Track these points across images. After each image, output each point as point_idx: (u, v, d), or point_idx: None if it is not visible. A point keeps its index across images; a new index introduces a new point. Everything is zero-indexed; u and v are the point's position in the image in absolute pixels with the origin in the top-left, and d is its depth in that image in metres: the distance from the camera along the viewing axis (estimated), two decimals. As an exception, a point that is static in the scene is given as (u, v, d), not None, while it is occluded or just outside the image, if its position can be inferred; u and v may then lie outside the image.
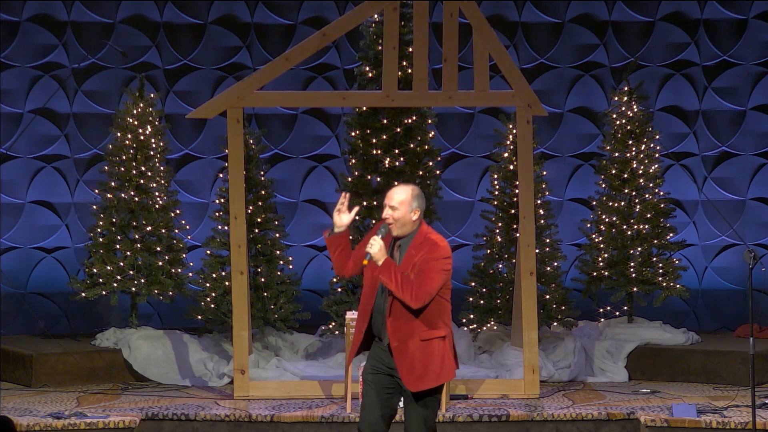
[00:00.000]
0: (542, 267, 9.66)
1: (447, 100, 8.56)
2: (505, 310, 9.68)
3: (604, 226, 9.91)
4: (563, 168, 11.35)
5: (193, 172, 11.30)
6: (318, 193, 11.29)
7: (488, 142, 10.57)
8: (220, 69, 11.34)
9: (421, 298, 5.30)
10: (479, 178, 11.35)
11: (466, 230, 11.26)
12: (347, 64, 11.34)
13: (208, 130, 11.24)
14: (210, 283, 9.63)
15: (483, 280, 9.85)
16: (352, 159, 9.84)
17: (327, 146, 11.41)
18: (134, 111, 9.77)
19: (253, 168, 9.80)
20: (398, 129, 9.73)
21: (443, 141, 11.28)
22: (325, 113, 11.42)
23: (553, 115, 11.12)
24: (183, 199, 10.52)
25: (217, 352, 9.53)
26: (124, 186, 9.72)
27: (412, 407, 5.34)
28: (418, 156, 9.79)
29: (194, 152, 11.33)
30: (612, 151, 9.99)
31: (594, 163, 10.70)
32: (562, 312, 9.73)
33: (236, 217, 8.43)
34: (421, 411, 5.33)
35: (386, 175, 9.73)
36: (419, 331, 5.34)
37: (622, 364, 9.40)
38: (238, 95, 8.44)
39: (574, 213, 11.14)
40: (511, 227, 9.79)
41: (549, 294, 9.68)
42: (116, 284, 9.54)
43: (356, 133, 9.79)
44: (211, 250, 9.75)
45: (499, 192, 9.91)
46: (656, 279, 9.74)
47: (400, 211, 5.50)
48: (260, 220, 9.63)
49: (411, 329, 5.33)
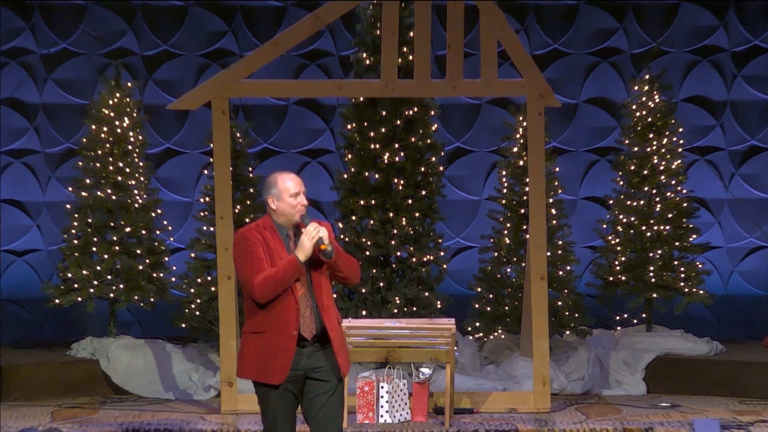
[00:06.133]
0: (554, 271, 9.76)
1: (451, 90, 8.63)
2: (513, 317, 9.76)
3: (621, 226, 10.01)
4: (577, 164, 11.43)
5: (176, 169, 11.37)
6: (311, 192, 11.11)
7: (496, 136, 10.67)
8: (204, 56, 11.42)
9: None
10: (486, 175, 11.45)
11: (471, 231, 11.34)
12: (343, 50, 11.41)
13: (191, 122, 11.30)
14: (195, 288, 9.73)
15: (490, 285, 9.95)
16: (349, 154, 9.91)
17: (321, 140, 11.49)
18: (110, 101, 9.86)
19: (240, 164, 9.88)
20: (398, 121, 9.81)
21: (447, 134, 11.37)
22: (318, 104, 11.49)
23: (566, 106, 11.19)
24: (164, 198, 10.60)
25: (202, 362, 9.64)
26: (100, 183, 9.81)
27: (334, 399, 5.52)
28: (420, 151, 9.88)
29: (176, 147, 11.41)
30: (631, 145, 10.10)
31: (611, 159, 10.83)
32: (575, 320, 9.83)
33: (222, 217, 8.49)
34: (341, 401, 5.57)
35: (385, 171, 9.81)
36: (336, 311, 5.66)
37: (640, 375, 9.52)
38: (224, 84, 8.50)
39: (589, 213, 11.22)
40: (520, 228, 9.89)
41: (561, 300, 9.77)
42: (93, 290, 9.62)
43: (353, 126, 9.86)
44: (195, 253, 9.85)
45: (507, 190, 10.01)
46: (677, 284, 9.85)
47: None
48: (248, 220, 9.61)
49: (335, 311, 5.61)
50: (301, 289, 5.52)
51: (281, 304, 5.47)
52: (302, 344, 5.52)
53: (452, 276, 10.94)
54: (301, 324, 5.50)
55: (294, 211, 5.56)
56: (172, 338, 9.98)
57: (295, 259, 5.43)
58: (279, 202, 5.58)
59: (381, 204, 9.86)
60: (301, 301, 5.50)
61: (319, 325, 5.54)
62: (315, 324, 5.53)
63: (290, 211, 5.57)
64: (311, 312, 5.53)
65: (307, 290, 5.54)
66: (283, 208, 5.57)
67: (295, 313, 5.47)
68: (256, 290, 5.41)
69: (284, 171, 5.68)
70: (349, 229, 9.91)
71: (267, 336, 5.48)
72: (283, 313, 5.47)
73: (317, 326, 5.54)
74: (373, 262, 9.85)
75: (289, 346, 5.46)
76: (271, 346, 5.47)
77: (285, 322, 5.47)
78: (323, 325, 5.55)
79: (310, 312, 5.53)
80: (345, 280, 5.66)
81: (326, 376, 5.56)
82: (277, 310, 5.47)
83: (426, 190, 9.92)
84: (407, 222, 9.82)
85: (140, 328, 10.97)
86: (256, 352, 5.51)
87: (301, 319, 5.50)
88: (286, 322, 5.46)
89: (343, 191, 10.01)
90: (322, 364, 5.55)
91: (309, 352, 5.53)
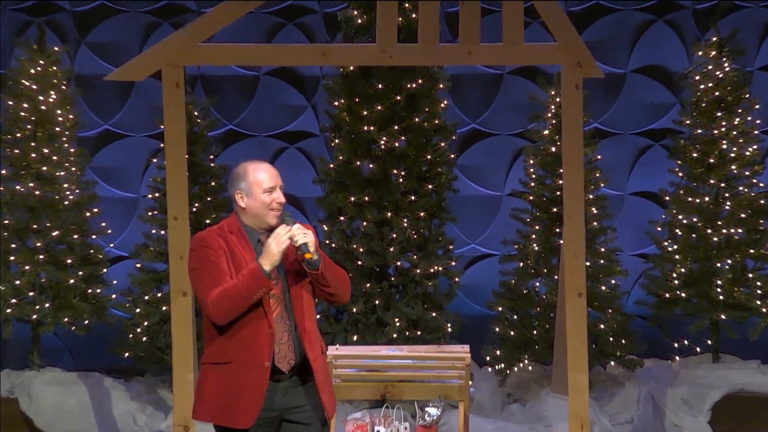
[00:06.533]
0: (595, 285, 9.78)
1: (465, 56, 8.51)
2: (543, 344, 9.78)
3: (680, 229, 10.01)
4: (624, 150, 11.48)
5: (117, 157, 11.37)
6: (289, 185, 11.28)
7: (521, 115, 10.64)
8: (152, 12, 11.44)
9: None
10: (509, 165, 11.48)
11: (490, 235, 11.37)
12: (328, 6, 11.45)
13: (136, 97, 11.33)
14: (141, 307, 9.76)
15: (514, 303, 9.95)
16: (336, 138, 9.93)
17: (301, 121, 11.52)
18: (32, 71, 9.83)
19: (199, 150, 9.89)
20: (398, 97, 9.82)
21: (460, 113, 11.38)
22: (297, 75, 11.50)
23: (611, 78, 11.22)
24: (102, 194, 10.55)
25: (151, 401, 9.63)
26: (20, 175, 9.79)
27: None
28: (426, 134, 9.88)
29: (117, 128, 11.43)
30: (693, 126, 10.10)
31: (667, 144, 10.80)
32: (621, 347, 9.84)
33: (176, 217, 8.40)
34: None
35: (382, 160, 9.81)
36: (320, 337, 5.72)
37: (705, 418, 9.51)
38: (178, 49, 8.45)
39: (640, 212, 11.27)
40: (552, 231, 9.91)
41: (604, 323, 9.79)
42: (11, 310, 9.60)
43: (341, 102, 9.87)
44: (142, 263, 9.88)
45: (536, 183, 10.02)
46: (752, 302, 9.83)
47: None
48: (209, 222, 9.70)
49: (318, 338, 5.68)
50: (277, 309, 5.55)
51: (250, 328, 5.49)
52: (277, 378, 5.54)
53: (466, 292, 11.02)
54: (276, 353, 5.52)
55: (267, 211, 5.61)
56: (112, 371, 10.00)
57: (257, 269, 5.43)
58: (249, 199, 5.62)
59: (376, 201, 9.89)
60: (276, 323, 5.53)
61: (298, 354, 5.58)
62: (294, 353, 5.57)
63: (263, 210, 5.60)
64: (289, 337, 5.56)
65: (285, 310, 5.57)
66: (254, 206, 5.61)
67: (269, 339, 5.50)
68: (211, 308, 5.44)
69: (256, 160, 5.74)
70: (336, 233, 9.94)
71: (232, 368, 5.50)
72: (254, 338, 5.49)
73: (296, 355, 5.57)
74: (366, 275, 9.91)
75: (260, 380, 5.48)
76: (238, 381, 5.49)
77: (255, 350, 5.49)
78: (304, 354, 5.58)
79: (288, 337, 5.55)
80: (333, 297, 5.66)
81: (307, 418, 5.59)
82: (246, 335, 5.49)
83: (433, 183, 9.96)
84: (409, 224, 9.86)
85: (71, 358, 11.01)
86: (218, 387, 5.52)
87: (276, 347, 5.52)
88: (256, 351, 5.49)
89: (328, 185, 10.05)
90: (301, 404, 5.59)
91: (285, 388, 5.56)
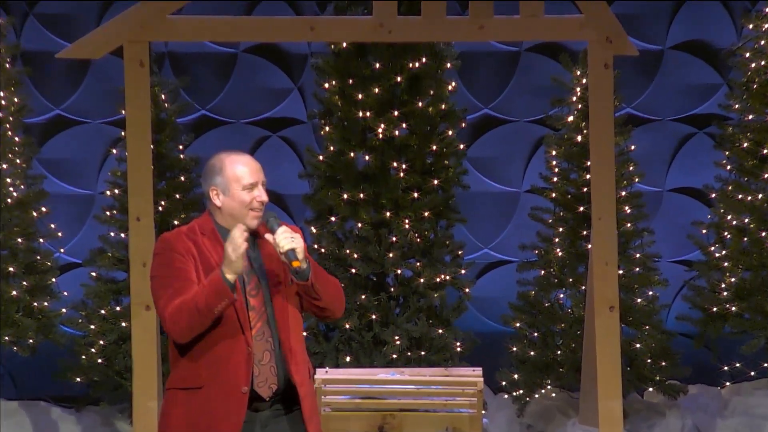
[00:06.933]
0: (629, 298, 9.82)
1: (476, 31, 8.65)
2: (569, 367, 9.83)
3: (729, 232, 10.10)
4: (663, 140, 11.52)
5: (70, 147, 11.43)
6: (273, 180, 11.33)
7: (542, 99, 10.70)
8: None
9: None
10: (528, 157, 11.55)
11: (506, 239, 11.41)
12: None
13: (92, 78, 11.36)
14: (96, 323, 9.79)
15: (534, 318, 10.02)
16: (326, 125, 9.99)
17: (285, 105, 11.57)
18: None
19: (166, 140, 9.98)
20: (398, 78, 9.89)
21: (470, 97, 11.41)
22: (282, 53, 11.55)
23: (647, 55, 11.22)
24: (52, 190, 10.62)
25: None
26: None
27: None
28: (430, 121, 9.95)
29: (70, 114, 11.49)
30: (743, 111, 10.20)
31: (713, 132, 10.89)
32: (661, 370, 9.90)
33: (139, 218, 8.54)
34: None
35: (379, 151, 9.89)
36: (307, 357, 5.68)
37: None
38: (142, 22, 8.55)
39: (681, 211, 11.31)
40: (578, 234, 9.98)
41: (640, 341, 9.84)
42: None
43: (332, 84, 9.94)
44: (98, 272, 9.94)
45: (559, 178, 10.11)
46: None
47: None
48: (178, 223, 9.67)
49: (305, 359, 5.64)
50: (257, 324, 5.50)
51: (224, 346, 5.45)
52: (256, 406, 5.49)
53: (478, 305, 11.00)
54: (256, 376, 5.47)
55: (247, 211, 5.56)
56: (62, 399, 10.05)
57: (218, 277, 5.36)
58: (225, 196, 5.58)
59: (373, 199, 9.93)
60: (256, 341, 5.48)
61: (282, 378, 5.52)
62: (276, 376, 5.51)
63: (241, 210, 5.56)
64: (271, 358, 5.51)
65: (266, 325, 5.52)
66: (232, 206, 5.57)
67: (246, 360, 5.45)
68: (168, 323, 5.39)
69: (234, 152, 5.69)
70: (326, 236, 9.96)
71: (203, 394, 5.45)
72: (229, 359, 5.45)
73: (280, 380, 5.52)
74: (361, 285, 9.92)
75: (236, 409, 5.42)
76: (210, 410, 5.43)
77: (231, 372, 5.44)
78: (288, 378, 5.52)
79: (270, 358, 5.50)
80: (324, 311, 5.65)
81: None
82: (219, 354, 5.45)
83: (439, 178, 10.00)
84: (412, 225, 9.88)
85: (13, 383, 10.97)
86: (186, 418, 5.47)
87: (255, 369, 5.47)
88: (232, 373, 5.44)
89: (317, 180, 10.08)
90: None
91: (266, 419, 5.52)
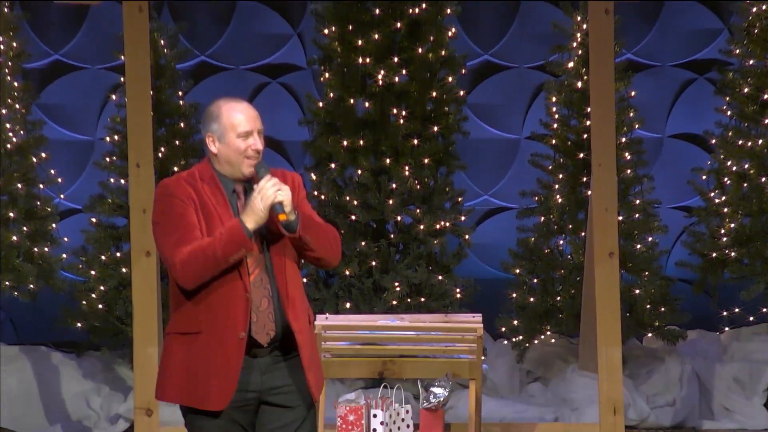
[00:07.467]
0: (629, 244, 9.82)
1: None
2: (568, 313, 9.84)
3: (730, 178, 10.10)
4: (663, 86, 11.51)
5: (69, 93, 11.45)
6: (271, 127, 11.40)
7: (542, 45, 10.69)
8: None
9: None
10: (528, 103, 11.56)
11: (506, 186, 11.44)
12: None
13: (91, 24, 11.36)
14: (97, 270, 9.82)
15: (534, 265, 10.04)
16: (326, 72, 9.99)
17: (285, 51, 11.57)
18: None
19: (165, 86, 9.98)
20: (398, 24, 9.88)
21: (470, 43, 11.41)
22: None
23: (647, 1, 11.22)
24: (52, 136, 10.59)
25: (107, 380, 9.71)
26: None
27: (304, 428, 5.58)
28: (430, 67, 9.94)
29: (69, 59, 11.48)
30: (744, 56, 10.15)
31: (714, 78, 10.86)
32: (661, 316, 9.90)
33: (139, 164, 8.51)
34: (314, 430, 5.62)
35: (379, 97, 9.88)
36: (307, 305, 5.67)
37: (760, 399, 9.60)
38: None
39: (682, 157, 11.33)
40: (578, 181, 9.99)
41: (640, 287, 9.84)
42: None
43: (332, 30, 9.93)
44: (98, 218, 9.95)
45: (559, 125, 10.10)
46: None
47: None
48: (177, 169, 9.71)
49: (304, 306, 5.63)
50: (255, 271, 5.50)
51: (222, 292, 5.45)
52: (254, 352, 5.50)
53: (478, 252, 11.03)
54: (254, 322, 5.48)
55: (242, 159, 5.54)
56: (62, 344, 10.05)
57: (239, 226, 5.38)
58: (221, 144, 5.56)
59: (373, 146, 9.93)
60: (254, 288, 5.49)
61: (280, 325, 5.53)
62: (274, 322, 5.52)
63: (236, 158, 5.55)
64: (269, 304, 5.51)
65: (264, 272, 5.53)
66: (227, 153, 5.56)
67: (244, 306, 5.46)
68: (179, 270, 5.39)
69: (231, 98, 5.63)
70: (325, 183, 9.97)
71: (202, 339, 5.46)
72: (227, 305, 5.45)
73: (278, 326, 5.52)
74: (361, 232, 9.93)
75: (234, 354, 5.44)
76: (208, 355, 5.45)
77: (229, 318, 5.44)
78: (287, 325, 5.52)
79: (268, 304, 5.51)
80: (320, 261, 5.65)
81: (290, 400, 5.54)
82: (218, 300, 5.45)
83: (439, 125, 9.99)
84: (412, 172, 9.89)
85: (14, 329, 11.03)
86: (185, 362, 5.49)
87: (253, 315, 5.48)
88: (230, 319, 5.44)
89: (317, 127, 10.08)
90: (283, 383, 5.54)
91: (265, 365, 5.53)
